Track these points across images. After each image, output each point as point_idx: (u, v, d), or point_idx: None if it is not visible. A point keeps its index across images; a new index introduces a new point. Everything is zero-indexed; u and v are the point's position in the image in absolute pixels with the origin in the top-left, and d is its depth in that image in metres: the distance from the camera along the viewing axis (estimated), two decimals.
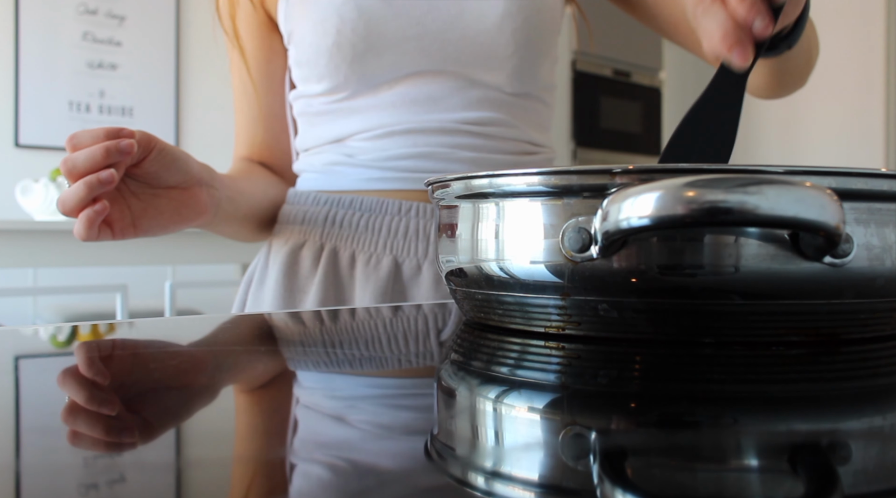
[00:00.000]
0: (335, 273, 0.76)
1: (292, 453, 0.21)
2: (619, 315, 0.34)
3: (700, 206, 0.29)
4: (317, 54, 0.75)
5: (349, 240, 0.76)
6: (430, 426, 0.24)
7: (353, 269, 0.76)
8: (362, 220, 0.76)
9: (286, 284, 0.77)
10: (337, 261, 0.76)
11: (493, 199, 0.37)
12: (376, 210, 0.76)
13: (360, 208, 0.77)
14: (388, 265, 0.75)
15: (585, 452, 0.21)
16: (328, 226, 0.77)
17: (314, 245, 0.77)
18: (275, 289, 0.77)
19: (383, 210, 0.76)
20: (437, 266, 0.44)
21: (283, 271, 0.77)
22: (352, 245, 0.76)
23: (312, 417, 0.26)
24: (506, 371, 0.32)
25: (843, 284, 0.33)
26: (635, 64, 3.28)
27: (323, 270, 0.76)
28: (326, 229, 0.77)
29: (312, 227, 0.78)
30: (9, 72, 2.81)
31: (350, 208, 0.77)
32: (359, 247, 0.76)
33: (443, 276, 0.43)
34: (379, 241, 0.76)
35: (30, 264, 1.93)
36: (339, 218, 0.77)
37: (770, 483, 0.19)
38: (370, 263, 0.75)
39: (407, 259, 0.75)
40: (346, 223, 0.77)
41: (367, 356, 0.38)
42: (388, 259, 0.75)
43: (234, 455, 0.21)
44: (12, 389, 0.30)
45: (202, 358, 0.38)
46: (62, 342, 0.42)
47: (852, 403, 0.27)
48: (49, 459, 0.20)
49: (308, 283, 0.76)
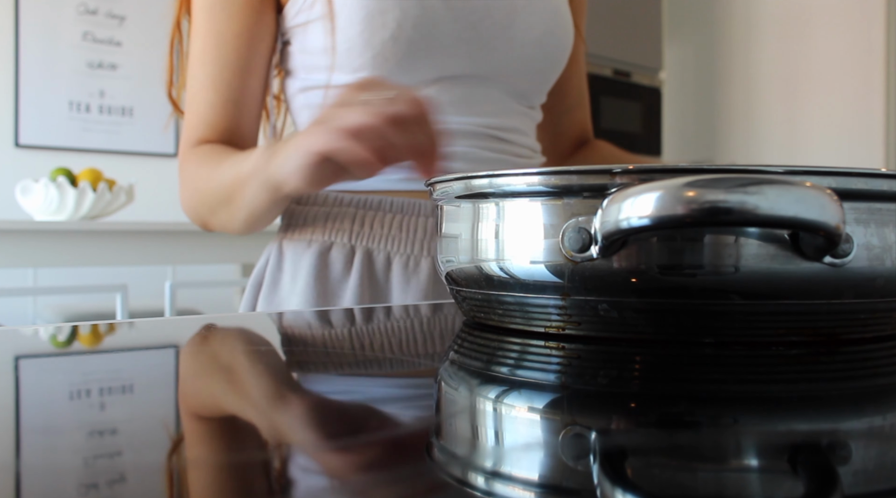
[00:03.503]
0: (371, 276, 0.74)
1: (292, 454, 0.21)
2: (619, 315, 0.34)
3: (700, 207, 0.29)
4: (365, 45, 0.71)
5: (383, 241, 0.74)
6: (430, 426, 0.24)
7: (389, 271, 0.74)
8: (395, 220, 0.75)
9: (318, 287, 0.74)
10: (372, 263, 0.74)
11: (493, 199, 0.37)
12: (409, 211, 0.75)
13: (392, 209, 0.75)
14: (427, 267, 0.74)
15: (585, 452, 0.21)
16: (357, 227, 0.75)
17: (344, 247, 0.75)
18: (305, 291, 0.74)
19: (417, 211, 0.75)
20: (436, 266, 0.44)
21: (313, 274, 0.74)
22: (386, 247, 0.74)
23: (312, 417, 0.26)
24: (506, 371, 0.32)
25: (843, 284, 0.33)
26: (635, 64, 3.28)
27: (358, 273, 0.74)
28: (356, 231, 0.75)
29: (338, 228, 0.75)
30: (9, 72, 2.81)
31: (380, 210, 0.75)
32: (394, 249, 0.74)
33: (443, 276, 0.43)
34: (415, 242, 0.74)
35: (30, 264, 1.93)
36: (368, 219, 0.75)
37: (770, 483, 0.19)
38: (409, 265, 0.74)
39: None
40: (378, 225, 0.75)
41: (367, 356, 0.38)
42: (427, 261, 0.74)
43: (233, 455, 0.21)
44: (12, 389, 0.30)
45: (208, 357, 0.38)
46: (62, 342, 0.42)
47: (852, 403, 0.27)
48: (49, 459, 0.20)
49: (341, 286, 0.74)
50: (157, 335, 0.45)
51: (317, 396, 0.29)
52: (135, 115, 3.03)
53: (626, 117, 3.26)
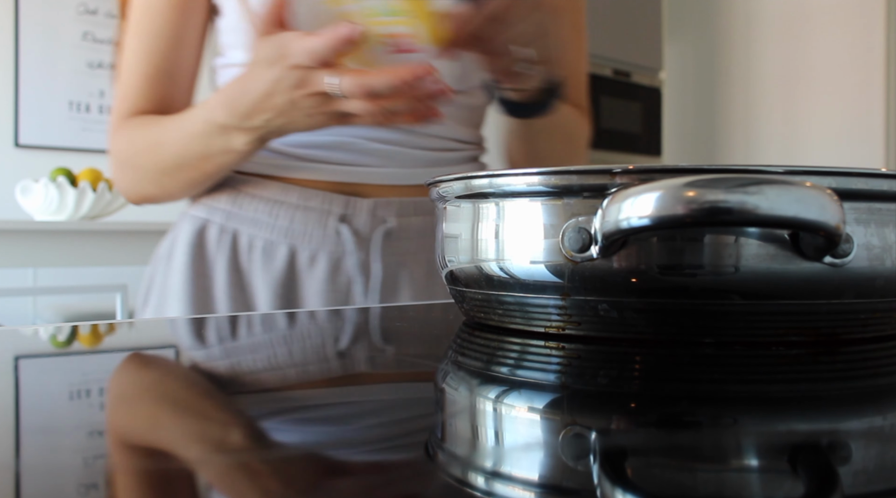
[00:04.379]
0: (235, 257, 0.75)
1: (291, 454, 0.21)
2: (619, 315, 0.34)
3: (700, 206, 0.29)
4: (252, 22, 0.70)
5: (248, 224, 0.75)
6: (430, 426, 0.24)
7: (251, 254, 0.74)
8: (262, 205, 0.75)
9: (193, 265, 0.75)
10: (237, 245, 0.75)
11: (493, 199, 0.37)
12: (277, 199, 0.75)
13: (262, 194, 0.75)
14: (283, 254, 0.74)
15: (585, 452, 0.21)
16: (232, 207, 0.75)
17: (217, 226, 0.75)
18: (183, 267, 0.75)
19: (283, 199, 0.75)
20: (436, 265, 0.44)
21: (190, 253, 0.75)
22: (250, 230, 0.75)
23: (312, 417, 0.26)
24: (506, 371, 0.32)
25: (843, 284, 0.33)
26: (635, 64, 3.28)
27: (227, 254, 0.74)
28: (230, 211, 0.75)
29: (215, 206, 0.76)
30: (9, 72, 2.81)
31: (251, 193, 0.75)
32: (257, 233, 0.74)
33: (443, 276, 0.43)
34: (276, 229, 0.74)
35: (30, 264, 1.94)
36: (240, 201, 0.75)
37: (770, 483, 0.19)
38: (267, 250, 0.74)
39: (301, 249, 0.74)
40: (249, 207, 0.75)
41: (367, 356, 0.38)
42: (284, 248, 0.74)
43: (232, 455, 0.21)
44: (12, 389, 0.30)
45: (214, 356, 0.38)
46: (62, 342, 0.42)
47: (852, 403, 0.27)
48: (49, 459, 0.20)
49: (214, 265, 0.75)
50: (156, 335, 0.45)
51: (316, 396, 0.29)
52: None
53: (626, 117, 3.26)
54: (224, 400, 0.28)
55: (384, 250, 0.75)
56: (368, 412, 0.26)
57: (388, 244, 0.76)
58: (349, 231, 0.74)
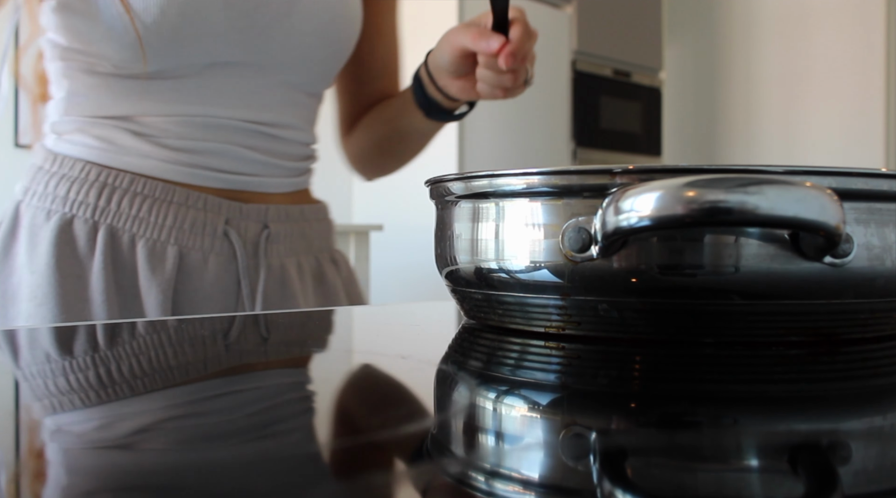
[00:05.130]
0: (115, 258, 0.71)
1: (290, 454, 0.21)
2: (619, 315, 0.34)
3: (700, 207, 0.29)
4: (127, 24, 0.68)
5: (130, 222, 0.71)
6: (430, 426, 0.24)
7: (134, 255, 0.71)
8: (145, 204, 0.72)
9: (60, 264, 0.69)
10: (117, 244, 0.71)
11: (493, 199, 0.37)
12: (161, 197, 0.72)
13: (143, 192, 0.72)
14: (173, 255, 0.72)
15: (585, 452, 0.21)
16: (102, 202, 0.71)
17: (86, 223, 0.71)
18: (47, 268, 0.69)
19: (169, 198, 0.73)
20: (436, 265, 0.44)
21: (52, 252, 0.69)
22: (132, 228, 0.71)
23: (311, 417, 0.26)
24: (506, 371, 0.32)
25: (843, 284, 0.33)
26: (635, 64, 3.28)
27: (102, 253, 0.70)
28: (100, 206, 0.71)
29: (81, 201, 0.71)
30: None
31: (130, 191, 0.72)
32: (139, 232, 0.72)
33: (442, 276, 0.43)
34: (164, 229, 0.72)
35: None
36: (116, 198, 0.71)
37: (770, 483, 0.19)
38: (155, 250, 0.72)
39: (192, 251, 0.73)
40: (126, 205, 0.72)
41: (367, 355, 0.38)
42: (173, 249, 0.72)
43: (230, 455, 0.21)
44: (12, 389, 0.30)
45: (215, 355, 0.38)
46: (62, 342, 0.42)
47: (852, 403, 0.27)
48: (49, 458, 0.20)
49: (87, 263, 0.70)
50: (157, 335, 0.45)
51: (316, 395, 0.29)
52: None
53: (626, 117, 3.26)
54: None
55: (267, 254, 0.77)
56: (368, 412, 0.26)
57: (269, 248, 0.77)
58: (237, 235, 0.75)
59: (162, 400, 0.28)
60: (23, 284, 0.70)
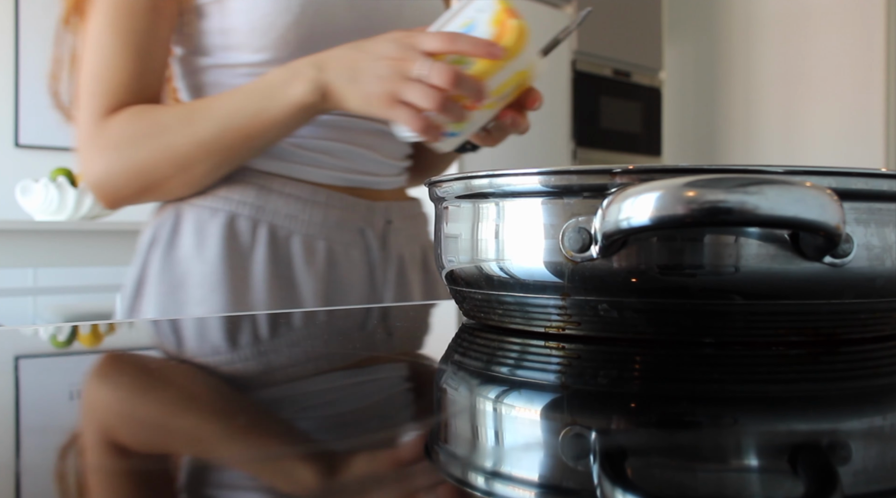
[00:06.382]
0: (274, 249, 0.78)
1: (290, 454, 0.21)
2: (619, 315, 0.34)
3: (700, 206, 0.29)
4: (268, 27, 0.74)
5: (286, 220, 0.78)
6: (430, 426, 0.24)
7: (289, 247, 0.78)
8: (297, 204, 0.79)
9: (227, 256, 0.76)
10: (275, 239, 0.78)
11: (493, 199, 0.37)
12: (309, 198, 0.79)
13: (294, 193, 0.79)
14: (322, 249, 0.80)
15: (585, 452, 0.21)
16: (262, 202, 0.78)
17: (248, 220, 0.78)
18: (215, 259, 0.76)
19: (315, 198, 0.80)
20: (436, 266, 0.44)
21: (221, 244, 0.76)
22: (288, 225, 0.78)
23: (311, 416, 0.26)
24: (506, 371, 0.32)
25: (843, 284, 0.33)
26: (635, 64, 3.28)
27: (264, 246, 0.77)
28: (260, 205, 0.78)
29: (242, 200, 0.78)
30: (9, 72, 2.81)
31: (283, 193, 0.79)
32: (294, 228, 0.79)
33: (442, 276, 0.43)
34: (314, 225, 0.79)
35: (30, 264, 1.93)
36: (273, 198, 0.78)
37: (770, 483, 0.19)
38: (308, 245, 0.79)
39: (337, 245, 0.80)
40: (282, 204, 0.78)
41: (367, 355, 0.38)
42: (323, 244, 0.79)
43: (231, 455, 0.21)
44: (12, 389, 0.30)
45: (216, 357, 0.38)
46: (62, 342, 0.42)
47: (852, 403, 0.27)
48: (49, 459, 0.20)
49: (248, 259, 0.77)
50: (157, 335, 0.45)
51: (316, 395, 0.29)
52: None
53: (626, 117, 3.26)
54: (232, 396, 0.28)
55: (392, 246, 0.85)
56: (368, 412, 0.26)
57: (392, 241, 0.85)
58: (371, 231, 0.83)
59: None
60: (191, 273, 0.77)
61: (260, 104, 0.72)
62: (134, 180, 0.76)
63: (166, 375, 0.33)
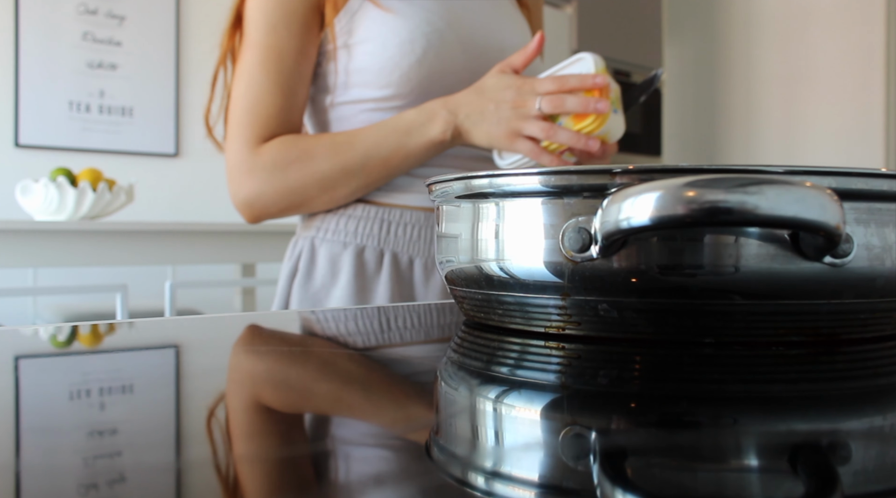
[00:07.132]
0: (398, 274, 0.89)
1: (290, 454, 0.21)
2: (619, 315, 0.34)
3: (700, 206, 0.29)
4: (394, 67, 0.85)
5: (406, 246, 0.89)
6: (430, 426, 0.24)
7: (412, 271, 0.90)
8: (415, 230, 0.89)
9: (357, 283, 0.88)
10: (398, 264, 0.89)
11: (493, 199, 0.37)
12: (423, 223, 0.90)
13: (411, 221, 0.89)
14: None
15: (585, 452, 0.21)
16: (384, 233, 0.89)
17: (375, 250, 0.89)
18: (347, 287, 0.88)
19: (429, 223, 0.90)
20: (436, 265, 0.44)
21: (352, 272, 0.88)
22: (409, 251, 0.90)
23: (311, 416, 0.26)
24: (506, 371, 0.32)
25: (843, 284, 0.33)
26: (635, 64, 3.28)
27: (388, 272, 0.88)
28: (383, 236, 0.89)
29: (368, 233, 0.89)
30: (9, 72, 2.81)
31: (402, 222, 0.89)
32: (416, 252, 0.90)
33: (442, 276, 0.43)
34: (432, 246, 0.87)
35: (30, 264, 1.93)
36: (393, 228, 0.89)
37: (770, 483, 0.19)
38: (427, 266, 0.90)
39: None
40: (402, 232, 0.89)
41: (367, 355, 0.38)
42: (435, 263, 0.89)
43: (232, 455, 0.21)
44: (12, 389, 0.30)
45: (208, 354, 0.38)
46: (62, 342, 0.42)
47: (852, 403, 0.27)
48: (49, 459, 0.20)
49: (374, 283, 0.89)
50: (156, 335, 0.45)
51: (315, 395, 0.29)
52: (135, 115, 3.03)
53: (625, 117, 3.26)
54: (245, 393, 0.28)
55: None
56: (367, 411, 0.26)
57: None
58: None
59: None
60: (327, 296, 0.90)
61: (400, 140, 0.83)
62: (283, 200, 0.87)
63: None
